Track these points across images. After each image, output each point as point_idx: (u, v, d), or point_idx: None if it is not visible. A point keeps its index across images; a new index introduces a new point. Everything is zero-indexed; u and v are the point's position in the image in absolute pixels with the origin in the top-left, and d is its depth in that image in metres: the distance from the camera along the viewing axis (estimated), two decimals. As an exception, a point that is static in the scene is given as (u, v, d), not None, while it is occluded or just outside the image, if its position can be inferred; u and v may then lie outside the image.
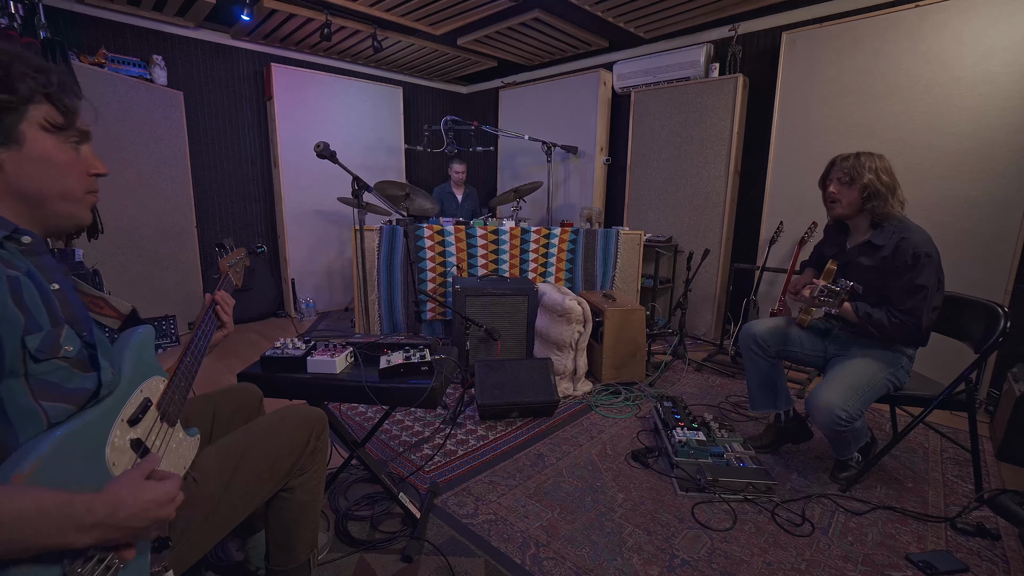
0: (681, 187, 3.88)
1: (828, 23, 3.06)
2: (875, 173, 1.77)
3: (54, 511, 0.61)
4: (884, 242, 1.76)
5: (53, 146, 0.75)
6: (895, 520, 1.69)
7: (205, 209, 4.10)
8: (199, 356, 1.00)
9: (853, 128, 3.03)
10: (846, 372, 1.77)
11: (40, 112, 0.73)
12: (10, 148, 0.71)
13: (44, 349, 0.68)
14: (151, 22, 3.67)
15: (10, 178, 0.72)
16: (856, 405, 1.69)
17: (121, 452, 0.75)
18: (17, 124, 0.71)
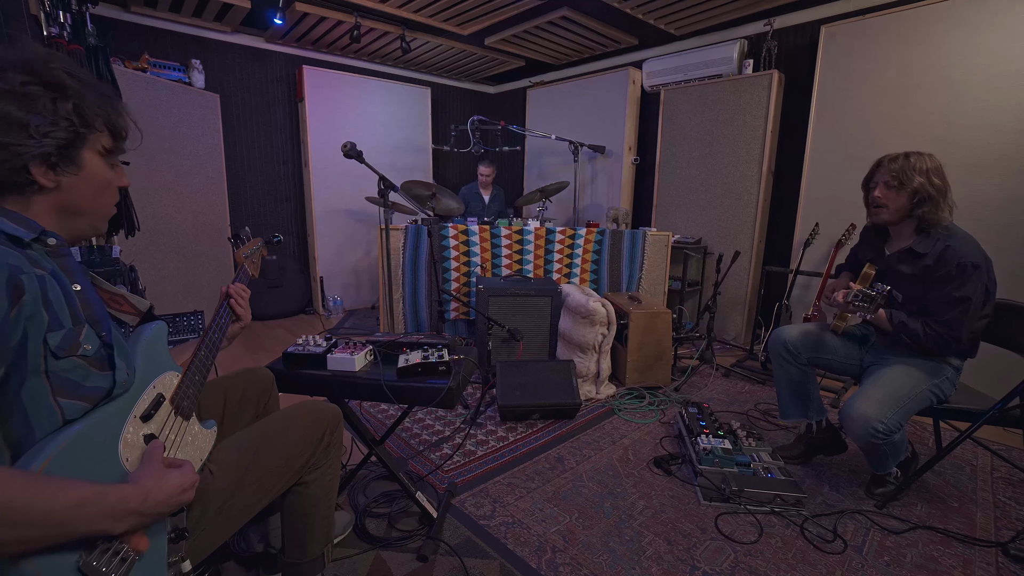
0: (711, 187, 3.77)
1: (871, 15, 2.92)
2: (926, 176, 1.62)
3: (92, 501, 0.64)
4: (927, 250, 1.64)
5: (101, 168, 0.81)
6: (937, 542, 1.59)
7: (238, 208, 4.23)
8: (214, 349, 1.02)
9: (897, 125, 2.88)
10: (884, 382, 1.67)
11: (100, 140, 0.80)
12: (71, 172, 0.76)
13: (64, 347, 0.70)
14: (190, 28, 3.80)
15: (62, 196, 0.77)
16: (895, 417, 1.59)
17: (134, 448, 0.77)
18: (81, 151, 0.77)
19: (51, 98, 0.72)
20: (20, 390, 0.66)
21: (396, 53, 4.49)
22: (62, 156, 0.74)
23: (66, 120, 0.73)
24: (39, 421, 0.68)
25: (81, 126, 0.75)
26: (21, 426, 0.66)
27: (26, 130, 0.69)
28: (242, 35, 4.06)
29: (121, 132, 0.83)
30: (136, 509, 0.68)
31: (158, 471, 0.74)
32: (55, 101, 0.72)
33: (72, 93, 0.74)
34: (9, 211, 0.72)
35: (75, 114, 0.74)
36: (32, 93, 0.70)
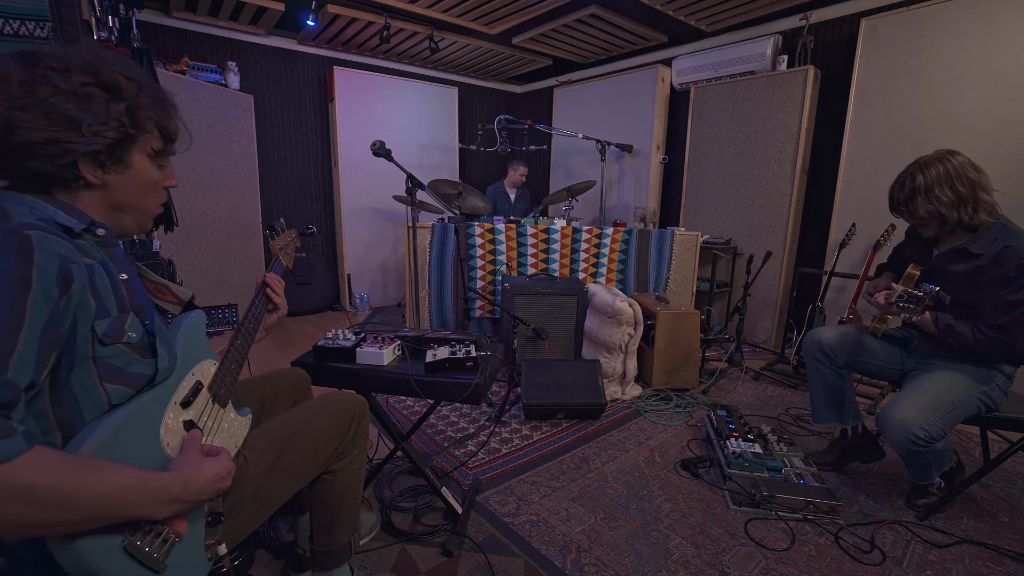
0: (742, 186, 3.68)
1: (916, 6, 2.80)
2: (945, 192, 1.53)
3: (136, 486, 0.67)
4: (983, 250, 1.54)
5: (149, 169, 0.83)
6: (986, 558, 1.51)
7: (270, 205, 4.34)
8: (249, 339, 1.05)
9: (943, 120, 2.76)
10: (927, 387, 1.59)
11: (149, 140, 0.82)
12: (118, 171, 0.79)
13: (110, 334, 0.72)
14: (226, 31, 3.92)
15: (108, 193, 0.79)
16: (937, 424, 1.51)
17: (174, 433, 0.79)
18: (130, 150, 0.79)
19: (105, 99, 0.74)
20: (70, 376, 0.69)
21: (424, 53, 4.54)
22: (110, 155, 0.76)
23: (116, 121, 0.75)
24: (87, 405, 0.70)
25: (131, 127, 0.77)
26: (71, 410, 0.69)
27: (78, 128, 0.72)
28: (275, 37, 4.17)
29: (171, 135, 0.85)
30: (177, 496, 0.71)
31: (197, 459, 0.77)
32: (108, 102, 0.74)
33: (126, 95, 0.77)
34: (62, 202, 0.75)
35: (126, 115, 0.76)
36: (90, 93, 0.73)
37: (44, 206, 0.72)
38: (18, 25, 1.52)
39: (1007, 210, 2.49)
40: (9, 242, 0.63)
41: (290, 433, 1.04)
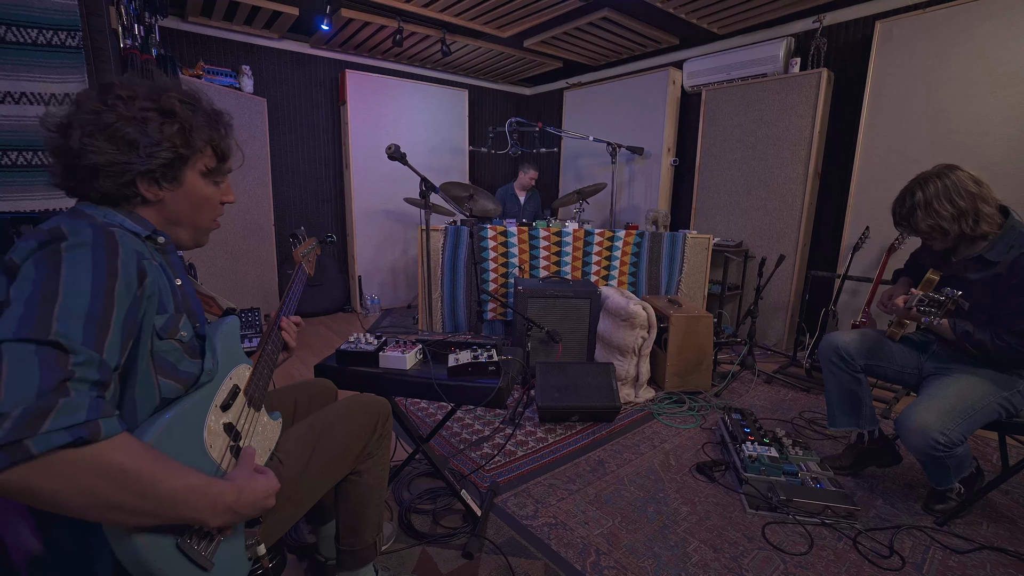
0: (753, 189, 3.68)
1: (932, 8, 2.79)
2: (944, 206, 1.54)
3: (202, 488, 0.69)
4: (1000, 257, 1.55)
5: (203, 185, 0.88)
6: (1007, 564, 1.51)
7: (282, 208, 4.38)
8: (278, 345, 1.10)
9: (961, 123, 2.75)
10: (948, 391, 1.59)
11: (202, 159, 0.87)
12: (173, 187, 0.84)
13: (166, 329, 0.77)
14: (241, 35, 3.96)
15: (164, 208, 0.85)
16: (958, 429, 1.51)
17: (216, 435, 0.82)
18: (184, 169, 0.84)
19: (160, 122, 0.79)
20: (135, 364, 0.73)
21: (436, 56, 4.56)
22: (164, 173, 0.81)
23: (169, 142, 0.80)
24: (142, 395, 0.74)
25: (183, 147, 0.82)
26: (128, 398, 0.73)
27: (136, 149, 0.77)
28: (288, 41, 4.21)
29: (224, 154, 0.90)
30: (231, 506, 0.73)
31: (251, 474, 0.81)
32: (163, 124, 0.80)
33: (180, 118, 0.82)
34: (131, 212, 0.82)
35: (179, 136, 0.81)
36: (147, 117, 0.79)
37: (114, 214, 0.80)
38: (51, 35, 1.56)
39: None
40: (98, 237, 0.69)
41: (319, 435, 1.07)
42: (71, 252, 0.66)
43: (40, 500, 0.57)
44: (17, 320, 0.59)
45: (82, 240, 0.67)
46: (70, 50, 1.64)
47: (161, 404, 0.76)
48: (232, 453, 0.84)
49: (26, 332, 0.58)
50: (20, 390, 0.55)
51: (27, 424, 0.54)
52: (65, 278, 0.64)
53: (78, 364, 0.60)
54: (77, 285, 0.64)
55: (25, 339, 0.58)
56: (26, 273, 0.64)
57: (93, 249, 0.67)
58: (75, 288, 0.64)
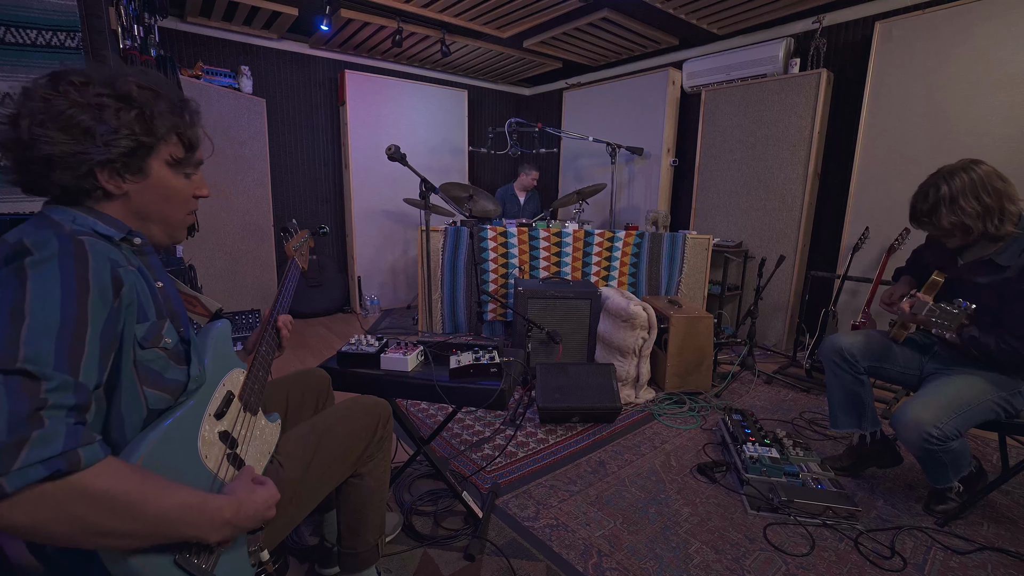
0: (753, 190, 3.68)
1: (932, 9, 2.80)
2: (971, 203, 1.50)
3: (196, 505, 0.68)
4: (1010, 262, 1.53)
5: (170, 177, 0.82)
6: (1009, 565, 1.51)
7: (281, 208, 4.37)
8: (273, 346, 1.08)
9: (961, 123, 2.75)
10: (944, 388, 1.59)
11: (168, 148, 0.81)
12: (138, 179, 0.79)
13: (148, 338, 0.74)
14: (240, 35, 3.96)
15: (132, 203, 0.80)
16: (951, 423, 1.50)
17: (211, 444, 0.80)
18: (148, 159, 0.79)
19: (116, 108, 0.74)
20: (119, 376, 0.71)
21: (435, 56, 4.56)
22: (126, 164, 0.76)
23: (128, 129, 0.74)
24: (128, 407, 0.72)
25: (143, 135, 0.76)
26: (115, 413, 0.71)
27: (92, 138, 0.72)
28: (288, 41, 4.20)
29: (192, 143, 0.84)
30: (230, 520, 0.72)
31: (249, 487, 0.79)
32: (119, 111, 0.74)
33: (138, 103, 0.76)
34: (100, 212, 0.77)
35: (137, 123, 0.75)
36: (103, 104, 0.73)
37: (84, 216, 0.74)
38: (50, 36, 1.56)
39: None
40: (65, 247, 0.65)
41: (320, 438, 1.06)
42: (37, 268, 0.62)
43: (25, 533, 0.56)
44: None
45: (49, 253, 0.63)
46: (70, 51, 1.63)
47: (149, 415, 0.74)
48: (230, 461, 0.82)
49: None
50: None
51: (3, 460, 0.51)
52: (32, 296, 0.60)
53: (51, 391, 0.57)
54: (45, 303, 0.60)
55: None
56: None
57: (61, 261, 0.63)
58: (43, 306, 0.60)
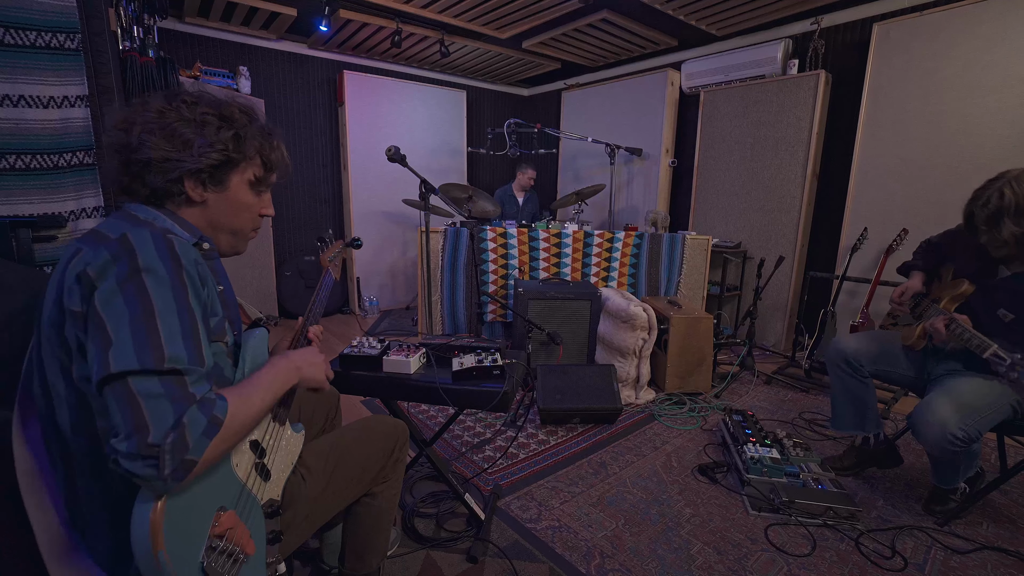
0: (752, 190, 3.69)
1: (929, 11, 2.81)
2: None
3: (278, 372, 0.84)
4: None
5: (246, 193, 0.90)
6: (1009, 565, 1.52)
7: (280, 210, 4.36)
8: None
9: (958, 125, 2.77)
10: (962, 388, 1.56)
11: (251, 167, 0.89)
12: (218, 191, 0.87)
13: (216, 331, 0.80)
14: (238, 36, 3.95)
15: (207, 210, 0.88)
16: (975, 425, 1.47)
17: (242, 453, 0.81)
18: (231, 174, 0.87)
19: (217, 126, 0.83)
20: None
21: (434, 57, 4.56)
22: (212, 175, 0.84)
23: (222, 144, 0.83)
24: None
25: (234, 152, 0.85)
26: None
27: (190, 148, 0.80)
28: (286, 42, 4.19)
29: (272, 165, 0.92)
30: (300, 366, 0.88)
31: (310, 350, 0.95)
32: (219, 129, 0.83)
33: (236, 125, 0.85)
34: (179, 217, 0.85)
35: (232, 141, 0.84)
36: (206, 121, 0.83)
37: (163, 218, 0.82)
38: (49, 37, 1.55)
39: None
40: (160, 245, 0.72)
41: (340, 454, 1.07)
42: (150, 275, 0.70)
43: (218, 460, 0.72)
44: (133, 350, 0.65)
45: (154, 258, 0.71)
46: (69, 52, 1.63)
47: None
48: (257, 471, 0.83)
49: (149, 363, 0.65)
50: (161, 423, 0.63)
51: (179, 448, 0.63)
52: (156, 302, 0.69)
53: (194, 382, 0.68)
54: (166, 307, 0.69)
55: (149, 371, 0.65)
56: (110, 293, 0.68)
57: (166, 266, 0.71)
58: (166, 310, 0.69)
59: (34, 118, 1.68)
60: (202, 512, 0.71)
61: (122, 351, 0.65)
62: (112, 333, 0.66)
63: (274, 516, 0.86)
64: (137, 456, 0.61)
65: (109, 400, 0.64)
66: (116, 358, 0.64)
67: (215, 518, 0.72)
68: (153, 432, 0.62)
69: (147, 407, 0.63)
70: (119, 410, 0.63)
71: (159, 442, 0.62)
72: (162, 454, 0.62)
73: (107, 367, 0.64)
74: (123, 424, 0.62)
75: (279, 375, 0.83)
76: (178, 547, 0.66)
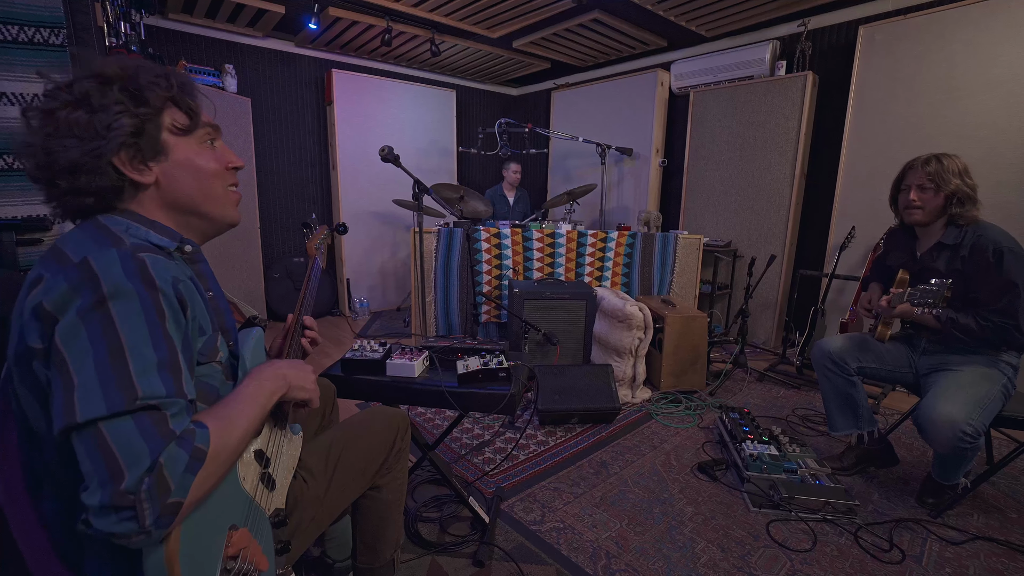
0: (741, 190, 3.74)
1: (913, 14, 2.88)
2: (960, 177, 1.68)
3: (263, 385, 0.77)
4: (958, 240, 1.67)
5: (192, 148, 0.78)
6: (1000, 554, 1.56)
7: (267, 210, 4.28)
8: (298, 354, 1.06)
9: (941, 126, 2.83)
10: (962, 384, 1.62)
11: (171, 117, 0.76)
12: (160, 160, 0.75)
13: (205, 352, 0.73)
14: (224, 33, 3.86)
15: (164, 190, 0.76)
16: (981, 419, 1.54)
17: (248, 465, 0.78)
18: (158, 135, 0.74)
19: (99, 89, 0.71)
20: None
21: (423, 56, 4.52)
22: (137, 145, 0.72)
23: (118, 104, 0.71)
24: None
25: (135, 105, 0.72)
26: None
27: (94, 129, 0.69)
28: (273, 40, 4.12)
29: (191, 108, 0.78)
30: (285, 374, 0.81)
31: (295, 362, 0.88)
32: (104, 93, 0.71)
33: (116, 77, 0.72)
34: (151, 220, 0.75)
35: (123, 94, 0.71)
36: (88, 90, 0.70)
37: (137, 227, 0.73)
38: (33, 32, 1.49)
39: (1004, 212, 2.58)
40: (129, 267, 0.64)
41: (341, 450, 1.04)
42: (118, 303, 0.62)
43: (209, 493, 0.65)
44: (100, 392, 0.58)
45: (118, 281, 0.63)
46: (54, 48, 1.57)
47: None
48: (263, 482, 0.80)
49: (119, 404, 0.58)
50: (136, 467, 0.56)
51: (160, 491, 0.56)
52: (125, 334, 0.61)
53: (174, 416, 0.61)
54: (138, 338, 0.62)
55: (119, 413, 0.58)
56: (71, 328, 0.60)
57: (137, 290, 0.63)
58: (139, 342, 0.62)
59: (16, 116, 1.62)
60: (214, 533, 0.67)
61: (87, 395, 0.57)
62: (75, 374, 0.58)
63: (281, 526, 0.83)
64: (110, 510, 0.54)
65: (77, 448, 0.57)
66: (82, 403, 0.57)
67: (228, 538, 0.69)
68: (128, 478, 0.55)
69: (119, 450, 0.56)
70: (88, 458, 0.56)
71: (133, 489, 0.54)
72: (139, 503, 0.54)
73: (72, 415, 0.56)
74: (93, 473, 0.55)
75: (264, 385, 0.75)
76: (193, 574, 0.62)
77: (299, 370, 0.84)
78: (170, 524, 0.57)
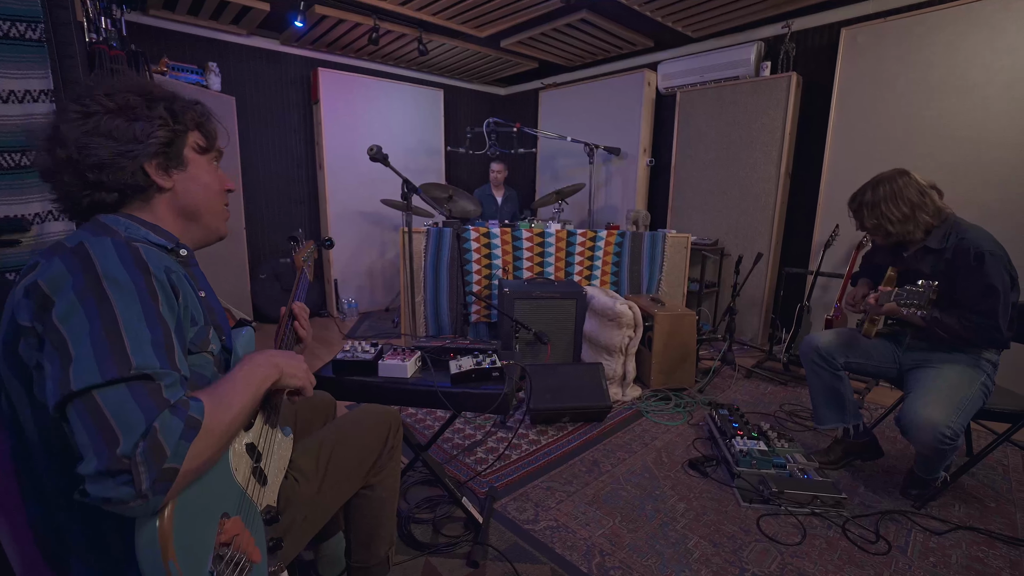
0: (728, 189, 3.78)
1: (893, 17, 2.94)
2: (891, 209, 1.71)
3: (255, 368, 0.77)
4: (942, 244, 1.70)
5: (204, 167, 0.89)
6: (981, 542, 1.60)
7: (253, 211, 4.22)
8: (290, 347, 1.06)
9: (920, 126, 2.90)
10: (940, 384, 1.67)
11: (193, 138, 0.87)
12: (180, 171, 0.85)
13: (196, 341, 0.77)
14: (208, 31, 3.80)
15: (178, 197, 0.85)
16: (960, 420, 1.58)
17: (240, 456, 0.78)
18: (183, 149, 0.85)
19: (145, 104, 0.80)
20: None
21: (411, 55, 4.49)
22: (167, 155, 0.82)
23: (160, 119, 0.80)
24: None
25: (174, 123, 0.82)
26: None
27: (134, 136, 0.78)
28: (258, 38, 4.06)
29: (210, 131, 0.90)
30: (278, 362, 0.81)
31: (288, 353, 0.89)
32: (149, 107, 0.80)
33: (161, 96, 0.83)
34: (151, 223, 0.81)
35: (167, 112, 0.82)
36: (132, 103, 0.79)
37: (136, 227, 0.78)
38: (8, 26, 1.44)
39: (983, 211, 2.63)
40: (123, 253, 0.68)
41: (332, 450, 1.03)
42: (113, 285, 0.65)
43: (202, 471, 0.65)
44: (95, 363, 0.59)
45: (113, 265, 0.66)
46: (31, 43, 1.52)
47: None
48: (255, 476, 0.80)
49: (113, 372, 0.59)
50: (131, 432, 0.57)
51: (156, 456, 0.57)
52: (120, 312, 0.63)
53: (168, 387, 0.62)
54: (133, 317, 0.64)
55: (114, 380, 0.59)
56: (68, 307, 0.62)
57: (131, 275, 0.66)
58: (133, 320, 0.64)
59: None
60: (207, 519, 0.68)
61: (83, 366, 0.59)
62: (73, 349, 0.60)
63: (273, 523, 0.84)
64: (105, 475, 0.55)
65: (72, 420, 0.58)
66: (77, 374, 0.58)
67: (220, 525, 0.69)
68: (123, 442, 0.55)
69: (114, 417, 0.57)
70: (83, 428, 0.57)
71: (129, 453, 0.55)
72: (135, 466, 0.55)
73: (67, 385, 0.58)
74: (88, 442, 0.56)
75: (256, 370, 0.76)
76: (186, 557, 0.62)
77: (292, 359, 0.85)
78: (167, 491, 0.58)
